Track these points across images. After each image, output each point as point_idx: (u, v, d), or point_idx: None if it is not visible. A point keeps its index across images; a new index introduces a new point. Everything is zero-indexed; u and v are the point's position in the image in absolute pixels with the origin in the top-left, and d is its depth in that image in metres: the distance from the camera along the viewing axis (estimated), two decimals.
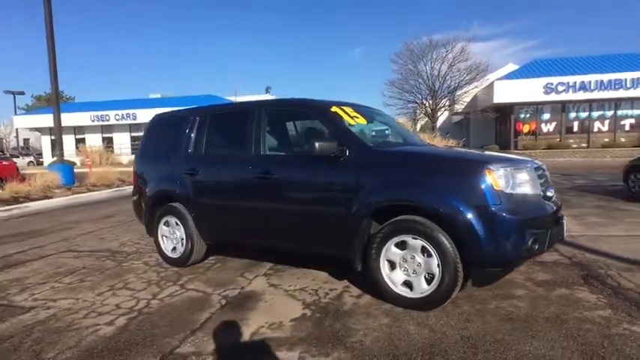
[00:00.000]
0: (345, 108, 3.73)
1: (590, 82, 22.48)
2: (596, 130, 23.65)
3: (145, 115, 32.71)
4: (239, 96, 30.82)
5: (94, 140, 33.86)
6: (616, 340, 2.46)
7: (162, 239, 4.58)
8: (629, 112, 23.16)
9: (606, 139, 23.16)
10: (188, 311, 3.22)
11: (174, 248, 4.49)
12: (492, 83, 24.97)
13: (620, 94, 22.29)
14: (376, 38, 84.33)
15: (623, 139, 22.90)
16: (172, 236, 4.48)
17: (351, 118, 3.61)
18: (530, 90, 23.43)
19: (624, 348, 2.36)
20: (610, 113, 23.35)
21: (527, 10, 65.92)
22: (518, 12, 63.21)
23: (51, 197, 10.67)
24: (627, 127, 23.28)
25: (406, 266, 3.00)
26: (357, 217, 3.12)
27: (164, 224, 4.53)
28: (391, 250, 3.04)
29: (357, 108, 3.92)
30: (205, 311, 3.20)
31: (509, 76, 25.58)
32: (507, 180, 2.77)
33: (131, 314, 3.19)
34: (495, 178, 2.74)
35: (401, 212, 3.02)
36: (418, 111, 30.32)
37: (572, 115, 23.97)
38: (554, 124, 24.42)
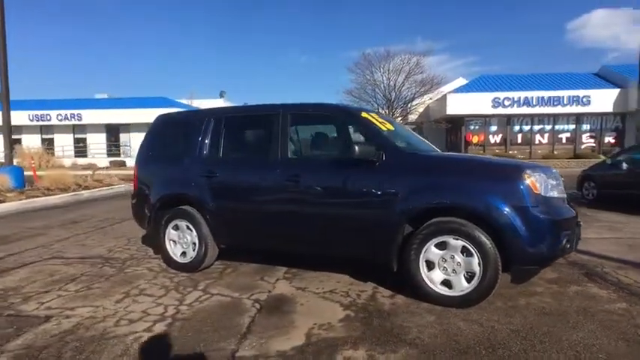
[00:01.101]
0: (372, 114, 3.84)
1: (532, 97, 24.43)
2: (537, 142, 25.66)
3: (92, 116, 30.82)
4: (195, 100, 29.97)
5: (31, 141, 31.27)
6: None
7: (170, 244, 4.40)
8: (566, 126, 25.42)
9: (546, 151, 25.20)
10: (225, 316, 3.14)
11: (183, 253, 4.34)
12: (445, 96, 26.33)
13: (558, 110, 24.43)
14: (323, 46, 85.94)
15: (559, 151, 25.05)
16: (182, 240, 4.33)
17: (380, 123, 3.73)
18: (479, 103, 24.99)
19: None
20: (549, 127, 25.48)
21: (463, 29, 70.48)
22: (455, 31, 67.43)
23: (3, 201, 9.77)
24: (564, 140, 25.51)
25: (445, 266, 3.15)
26: (396, 220, 3.23)
27: (173, 228, 4.37)
28: (431, 250, 3.18)
29: (379, 115, 4.04)
30: (244, 315, 3.15)
31: (461, 89, 27.12)
32: (542, 184, 3.02)
33: (165, 320, 3.06)
34: (534, 182, 2.98)
35: (437, 214, 3.18)
36: None
37: (517, 127, 25.86)
38: (500, 135, 26.17)
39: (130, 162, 29.61)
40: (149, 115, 29.93)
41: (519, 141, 25.94)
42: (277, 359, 2.46)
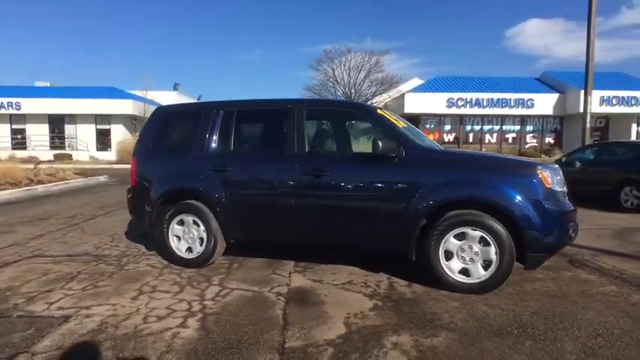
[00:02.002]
0: (384, 111, 3.99)
1: (483, 99, 25.92)
2: (486, 141, 27.27)
3: (32, 106, 28.54)
4: (150, 91, 28.66)
5: None
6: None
7: (174, 239, 4.29)
8: (512, 127, 27.23)
9: (494, 150, 26.86)
10: (255, 309, 3.15)
11: (189, 248, 4.25)
12: (403, 95, 27.23)
13: (506, 111, 26.11)
14: (274, 42, 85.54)
15: (506, 150, 26.78)
16: (187, 236, 4.24)
17: (395, 120, 3.88)
18: (435, 103, 26.11)
19: None
20: (497, 127, 27.17)
21: (409, 31, 73.21)
22: (402, 32, 69.87)
23: None
24: (510, 140, 27.32)
25: (464, 255, 3.37)
26: (416, 213, 3.40)
27: (177, 223, 4.26)
28: (450, 240, 3.38)
29: (389, 112, 4.19)
30: (274, 308, 3.18)
31: (417, 89, 28.16)
32: (552, 179, 3.32)
33: (196, 316, 3.02)
34: (545, 177, 3.27)
35: (454, 207, 3.38)
36: None
37: (469, 127, 27.32)
38: (453, 134, 27.51)
39: (78, 155, 27.83)
40: (98, 106, 28.33)
41: (471, 140, 27.40)
42: (327, 347, 2.53)
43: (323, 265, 4.25)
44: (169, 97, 34.15)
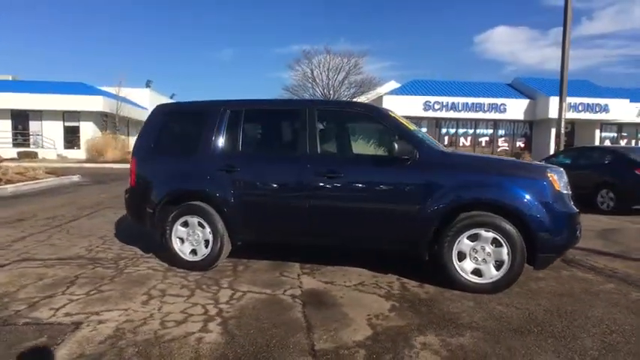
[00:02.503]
0: (394, 114, 4.03)
1: (458, 103, 26.58)
2: (461, 144, 27.96)
3: None
4: (123, 88, 27.71)
5: None
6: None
7: (177, 241, 4.18)
8: (485, 131, 28.05)
9: None
10: (274, 312, 3.12)
11: (193, 251, 4.15)
12: (381, 97, 27.53)
13: (480, 115, 26.87)
14: (247, 42, 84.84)
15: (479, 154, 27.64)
16: (192, 238, 4.14)
17: (406, 123, 3.93)
18: (412, 106, 26.52)
19: None
20: (471, 131, 27.92)
21: (382, 34, 74.37)
22: (374, 36, 70.88)
23: None
24: (483, 144, 28.13)
25: (476, 256, 3.46)
26: (432, 214, 3.46)
27: (181, 225, 4.15)
28: (463, 242, 3.46)
29: (398, 115, 4.24)
30: (293, 310, 3.15)
31: (395, 92, 28.54)
32: (560, 182, 3.45)
33: (215, 320, 2.96)
34: (555, 180, 3.39)
35: (467, 209, 3.46)
36: None
37: (444, 130, 27.94)
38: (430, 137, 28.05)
39: (44, 153, 26.60)
40: (65, 102, 27.15)
41: (446, 143, 27.98)
42: (359, 349, 2.54)
43: (330, 267, 4.25)
44: (142, 94, 33.20)
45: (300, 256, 4.48)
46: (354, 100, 29.08)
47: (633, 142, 27.85)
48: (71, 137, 28.54)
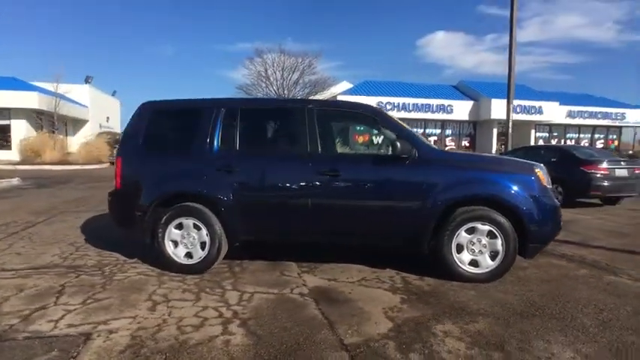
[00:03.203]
0: (389, 114, 4.17)
1: (409, 103, 27.62)
2: None
3: None
4: (61, 84, 25.70)
5: None
6: (613, 284, 3.71)
7: (170, 245, 4.03)
8: (434, 130, 29.41)
9: None
10: (290, 311, 3.12)
11: (188, 254, 4.02)
12: (335, 97, 27.91)
13: (428, 115, 28.12)
14: (191, 39, 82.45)
15: None
16: (186, 240, 4.02)
17: (401, 123, 4.08)
18: None
19: (620, 286, 3.60)
20: (421, 131, 29.08)
21: (329, 35, 75.57)
22: (321, 36, 71.94)
23: None
24: (432, 143, 29.45)
25: (473, 248, 3.68)
26: (433, 210, 3.63)
27: (175, 227, 4.01)
28: (462, 235, 3.67)
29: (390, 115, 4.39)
30: (308, 308, 3.18)
31: (348, 92, 29.04)
32: (545, 177, 3.76)
33: (234, 322, 2.91)
34: (542, 176, 3.70)
35: (465, 204, 3.68)
36: None
37: None
38: (382, 137, 28.88)
39: None
40: None
41: None
42: (387, 340, 2.62)
43: (327, 265, 4.30)
44: (81, 91, 31.05)
45: (294, 255, 4.49)
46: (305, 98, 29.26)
47: (562, 140, 30.51)
48: (1, 136, 26.11)
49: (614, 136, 32.12)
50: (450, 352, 2.48)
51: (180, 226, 4.01)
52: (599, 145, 30.32)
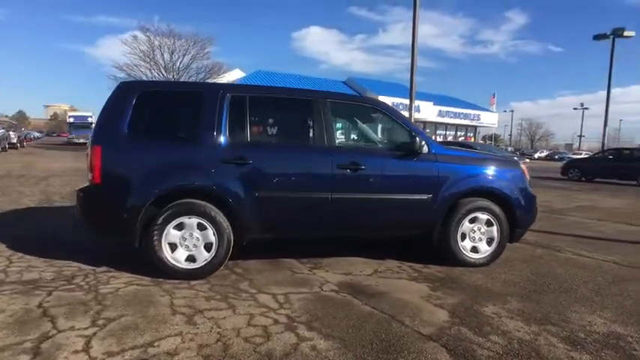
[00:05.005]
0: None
1: None
2: None
3: None
4: None
5: None
6: (570, 260, 4.51)
7: (167, 248, 3.54)
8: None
9: None
10: (340, 309, 3.04)
11: (190, 257, 3.59)
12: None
13: None
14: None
15: None
16: (188, 242, 3.58)
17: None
18: None
19: (577, 261, 4.39)
20: None
21: (202, 18, 72.56)
22: (193, 19, 68.82)
23: None
24: None
25: (474, 235, 4.07)
26: (443, 201, 3.91)
27: (174, 228, 3.53)
28: (466, 224, 4.02)
29: None
30: (355, 305, 3.14)
31: (243, 80, 28.36)
32: (527, 171, 4.34)
33: (298, 325, 2.74)
34: (525, 170, 4.26)
35: (468, 196, 4.03)
36: None
37: None
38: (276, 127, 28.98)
39: None
40: None
41: None
42: (458, 327, 2.77)
43: (325, 260, 4.26)
44: None
45: (287, 252, 4.32)
46: None
47: (434, 137, 34.73)
48: None
49: (472, 134, 37.82)
50: (518, 330, 2.75)
51: (179, 227, 3.54)
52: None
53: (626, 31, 22.06)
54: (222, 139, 3.61)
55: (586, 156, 26.92)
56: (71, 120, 39.13)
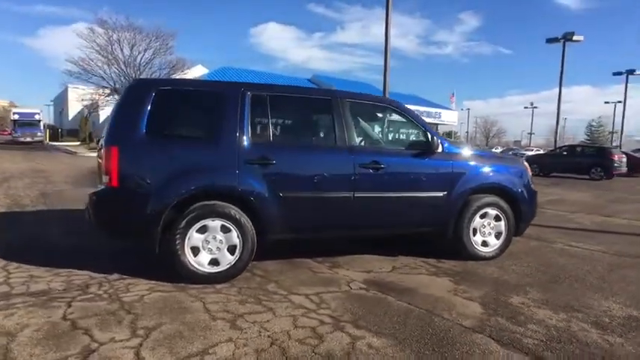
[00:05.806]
0: None
1: None
2: None
3: None
4: None
5: None
6: (565, 250, 4.80)
7: (189, 252, 3.43)
8: None
9: None
10: (378, 306, 3.09)
11: (213, 261, 3.50)
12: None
13: None
14: None
15: None
16: (211, 245, 3.49)
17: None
18: None
19: (570, 251, 4.68)
20: None
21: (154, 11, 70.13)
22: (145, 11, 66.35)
23: None
24: None
25: (484, 230, 4.24)
26: (458, 198, 4.06)
27: (197, 231, 3.43)
28: (476, 220, 4.19)
29: None
30: (390, 301, 3.20)
31: (208, 76, 27.62)
32: (529, 169, 4.57)
33: (344, 325, 2.76)
34: (528, 167, 4.49)
35: (477, 193, 4.20)
36: (108, 98, 27.09)
37: None
38: None
39: None
40: None
41: None
42: (495, 318, 2.89)
43: (340, 258, 4.29)
44: None
45: (300, 252, 4.31)
46: None
47: (397, 134, 35.55)
48: None
49: None
50: (550, 318, 2.92)
51: (202, 230, 3.44)
52: None
53: (575, 36, 23.57)
54: (244, 139, 3.53)
55: (543, 152, 28.48)
56: (15, 117, 36.58)
